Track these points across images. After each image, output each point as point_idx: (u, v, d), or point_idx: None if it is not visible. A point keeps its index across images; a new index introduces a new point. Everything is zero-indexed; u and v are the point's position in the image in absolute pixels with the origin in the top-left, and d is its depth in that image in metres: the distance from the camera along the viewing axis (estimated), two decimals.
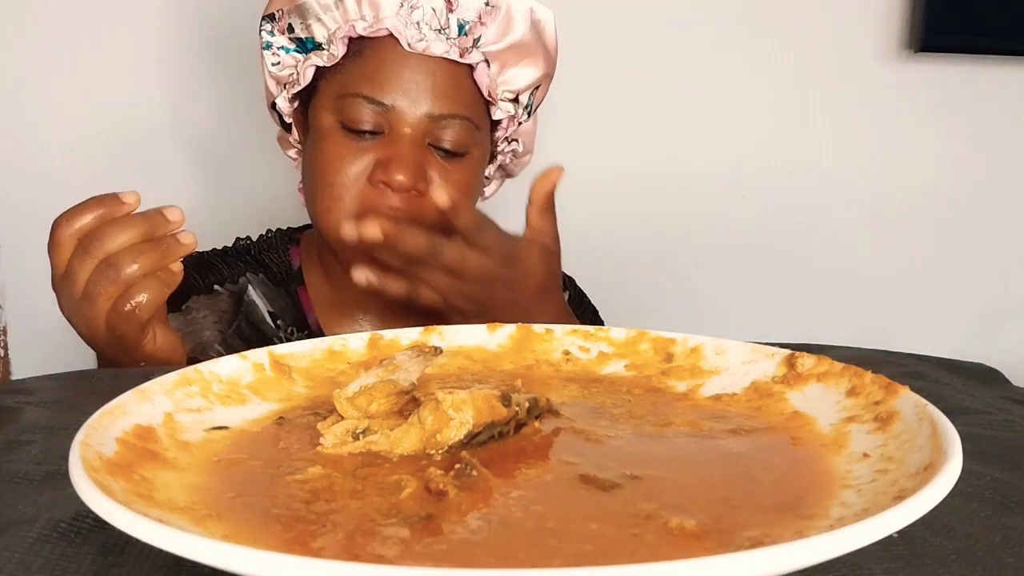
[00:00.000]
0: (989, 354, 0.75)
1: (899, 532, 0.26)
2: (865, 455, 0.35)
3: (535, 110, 0.88)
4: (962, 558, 0.33)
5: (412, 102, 0.79)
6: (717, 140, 1.25)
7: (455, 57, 0.80)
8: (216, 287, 0.89)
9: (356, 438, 0.38)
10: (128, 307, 0.62)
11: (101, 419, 0.34)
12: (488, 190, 0.94)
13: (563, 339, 0.52)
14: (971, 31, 1.21)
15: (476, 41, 0.80)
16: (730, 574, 0.23)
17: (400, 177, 0.77)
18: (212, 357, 0.46)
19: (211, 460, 0.36)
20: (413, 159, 0.78)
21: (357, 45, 0.80)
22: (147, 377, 0.40)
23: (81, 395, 0.52)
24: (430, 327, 0.52)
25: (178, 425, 0.38)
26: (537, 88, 0.86)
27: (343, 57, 0.80)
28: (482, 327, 0.52)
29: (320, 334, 0.87)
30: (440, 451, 0.36)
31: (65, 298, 0.64)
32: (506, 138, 0.88)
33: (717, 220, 1.27)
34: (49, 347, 1.01)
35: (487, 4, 0.81)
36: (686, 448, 0.38)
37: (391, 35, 0.78)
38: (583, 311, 0.99)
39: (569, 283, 1.00)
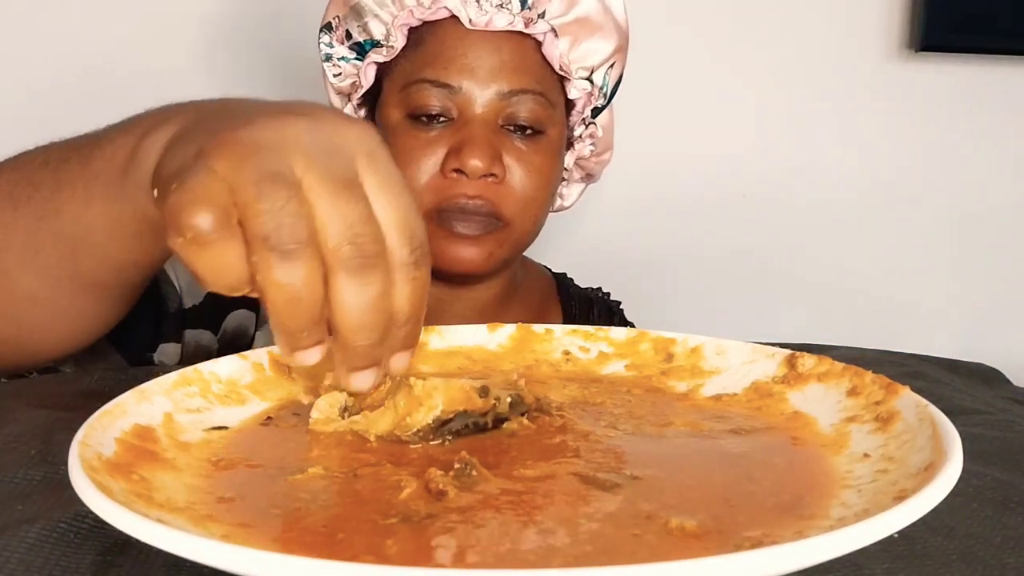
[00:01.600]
0: (990, 354, 0.75)
1: (900, 532, 0.26)
2: (866, 455, 0.35)
3: (612, 93, 0.84)
4: (963, 558, 0.33)
5: (480, 81, 0.74)
6: (717, 140, 1.25)
7: (520, 28, 0.75)
8: None
9: (343, 416, 0.38)
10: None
11: (100, 419, 0.34)
12: (569, 196, 0.90)
13: (563, 339, 0.52)
14: (972, 30, 1.21)
15: (541, 15, 0.76)
16: (730, 574, 0.23)
17: (475, 162, 0.71)
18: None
19: (210, 460, 0.36)
20: (487, 142, 0.73)
21: (417, 33, 0.76)
22: (147, 377, 0.40)
23: (80, 395, 0.52)
24: (429, 327, 0.52)
25: (177, 425, 0.38)
26: (612, 66, 0.81)
27: (404, 48, 0.76)
28: (482, 327, 0.52)
29: None
30: (409, 433, 0.37)
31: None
32: (583, 121, 0.83)
33: (717, 220, 1.27)
34: None
35: None
36: (686, 448, 0.38)
37: (451, 16, 0.74)
38: None
39: (617, 311, 0.97)
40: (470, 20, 0.74)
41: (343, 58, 0.79)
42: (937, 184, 1.28)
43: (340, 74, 0.80)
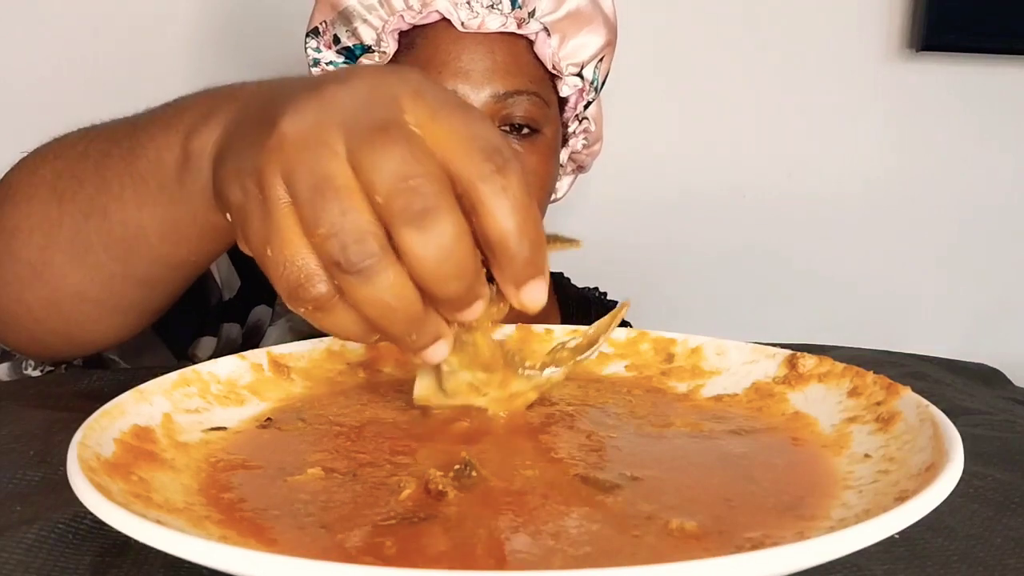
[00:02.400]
0: (991, 354, 0.75)
1: (900, 533, 0.26)
2: (866, 456, 0.35)
3: (602, 86, 0.84)
4: (963, 559, 0.33)
5: (475, 84, 0.74)
6: (717, 140, 1.25)
7: (513, 29, 0.75)
8: None
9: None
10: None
11: (99, 420, 0.34)
12: (561, 188, 0.90)
13: (563, 339, 0.52)
14: (973, 30, 1.21)
15: (531, 13, 0.76)
16: (731, 575, 0.23)
17: None
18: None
19: (209, 461, 0.36)
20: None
21: (408, 37, 0.76)
22: (146, 377, 0.40)
23: (79, 395, 0.52)
24: None
25: (176, 426, 0.38)
26: (601, 60, 0.81)
27: (396, 53, 0.76)
28: None
29: None
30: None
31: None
32: (576, 117, 0.84)
33: (717, 219, 1.27)
34: None
35: None
36: (687, 449, 0.38)
37: (443, 19, 0.74)
38: None
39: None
40: (462, 23, 0.74)
41: (331, 63, 0.79)
42: (937, 184, 1.27)
43: None
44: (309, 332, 0.68)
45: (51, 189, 0.50)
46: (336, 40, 0.78)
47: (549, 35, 0.77)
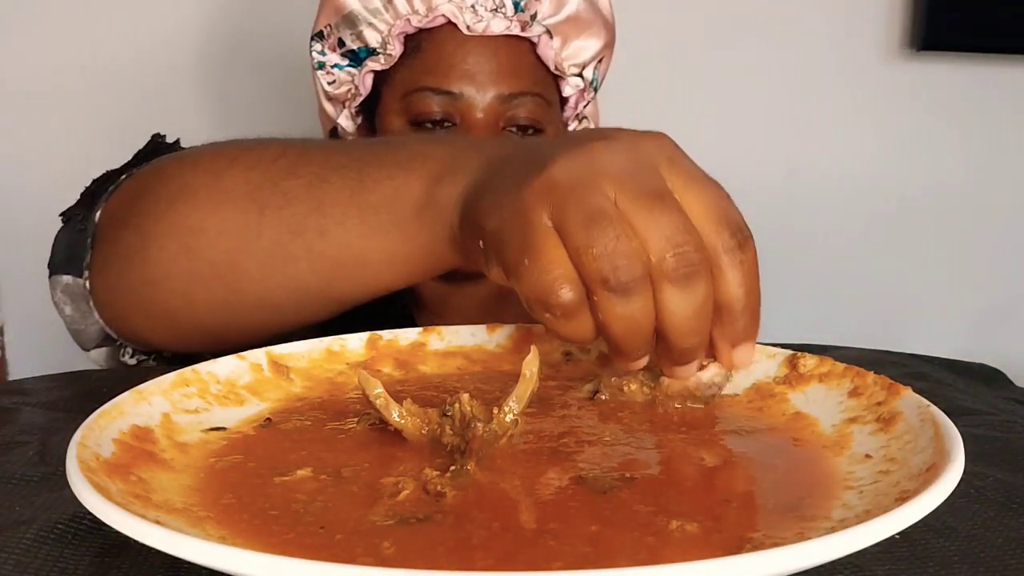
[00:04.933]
0: (992, 354, 0.75)
1: (901, 534, 0.26)
2: (867, 456, 0.35)
3: (600, 85, 0.85)
4: (965, 559, 0.33)
5: (480, 86, 0.75)
6: (717, 139, 1.25)
7: (516, 32, 0.76)
8: None
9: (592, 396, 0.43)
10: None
11: (98, 420, 0.34)
12: None
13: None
14: (973, 29, 1.21)
15: (533, 17, 0.78)
16: (731, 575, 0.23)
17: None
18: None
19: (208, 461, 0.36)
20: None
21: (414, 41, 0.77)
22: (145, 378, 0.40)
23: (78, 396, 0.52)
24: (429, 327, 0.52)
25: (175, 426, 0.38)
26: (601, 61, 0.83)
27: (401, 56, 0.77)
28: (481, 327, 0.52)
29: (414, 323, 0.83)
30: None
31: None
32: (576, 116, 0.85)
33: None
34: (46, 348, 1.01)
35: None
36: (686, 449, 0.38)
37: (448, 22, 0.76)
38: None
39: None
40: (468, 27, 0.75)
41: (336, 65, 0.79)
42: (938, 183, 1.27)
43: (334, 82, 0.80)
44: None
45: (249, 199, 0.51)
46: (340, 43, 0.79)
47: (551, 37, 0.78)
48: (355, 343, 0.49)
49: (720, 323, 0.38)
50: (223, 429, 0.39)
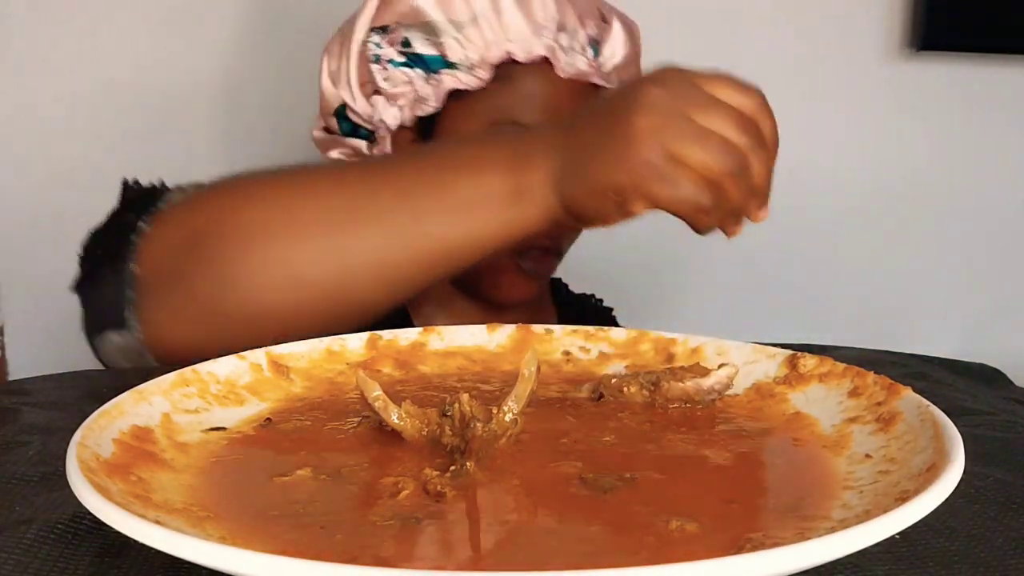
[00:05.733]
0: (992, 354, 0.75)
1: (901, 534, 0.26)
2: (867, 456, 0.35)
3: None
4: (965, 560, 0.33)
5: None
6: None
7: (599, 81, 0.79)
8: None
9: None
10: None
11: (98, 420, 0.34)
12: None
13: (563, 339, 0.52)
14: (973, 30, 1.21)
15: (604, 62, 0.80)
16: (731, 575, 0.23)
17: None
18: None
19: (208, 461, 0.36)
20: None
21: (503, 68, 0.77)
22: (145, 378, 0.40)
23: (78, 396, 0.52)
24: (429, 328, 0.52)
25: (175, 426, 0.38)
26: None
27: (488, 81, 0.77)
28: (482, 327, 0.52)
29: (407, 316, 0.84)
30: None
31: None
32: None
33: None
34: (46, 347, 1.01)
35: (603, 20, 0.80)
36: (686, 449, 0.38)
37: (543, 59, 0.76)
38: None
39: (609, 318, 0.98)
40: (563, 69, 0.77)
41: (391, 61, 0.78)
42: (938, 184, 1.27)
43: (388, 79, 0.79)
44: None
45: (336, 224, 0.57)
46: (406, 43, 0.78)
47: (611, 83, 0.81)
48: (355, 343, 0.49)
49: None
50: (223, 429, 0.39)
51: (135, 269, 0.58)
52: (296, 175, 0.61)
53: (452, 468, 0.33)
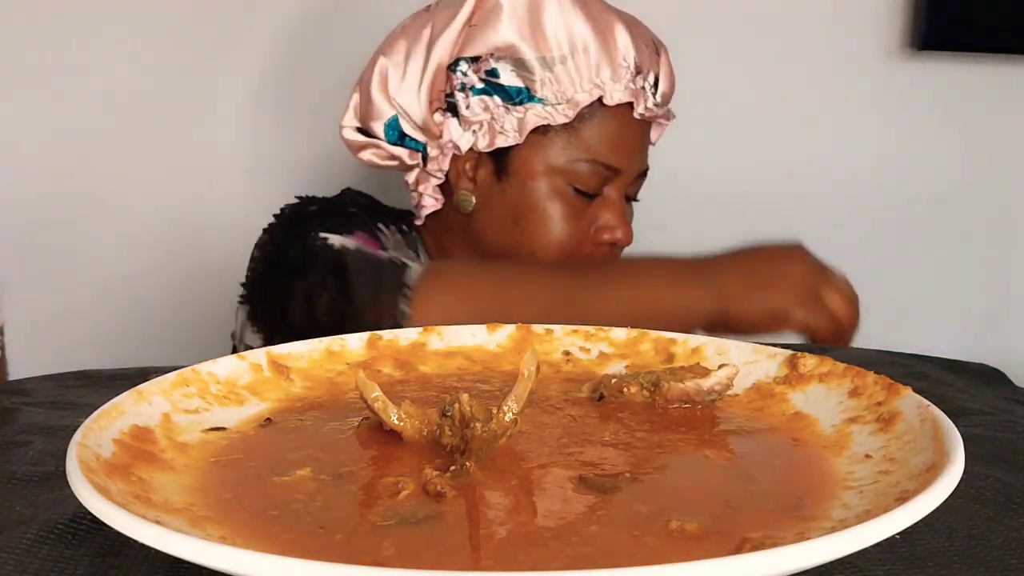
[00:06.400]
0: (991, 354, 0.75)
1: (901, 534, 0.26)
2: (867, 456, 0.35)
3: None
4: (964, 560, 0.33)
5: (631, 161, 0.85)
6: (717, 139, 1.25)
7: (663, 121, 0.88)
8: (381, 227, 0.89)
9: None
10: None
11: (98, 420, 0.34)
12: None
13: (563, 339, 0.52)
14: (973, 29, 1.20)
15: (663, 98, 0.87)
16: (731, 575, 0.23)
17: (624, 236, 0.86)
18: None
19: (208, 461, 0.36)
20: (629, 217, 0.88)
21: (589, 108, 0.82)
22: (145, 378, 0.40)
23: (78, 396, 0.52)
24: (429, 328, 0.52)
25: (175, 426, 0.38)
26: None
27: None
28: (482, 327, 0.52)
29: None
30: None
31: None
32: None
33: (716, 219, 1.26)
34: (46, 348, 1.01)
35: (656, 53, 0.86)
36: (686, 449, 0.38)
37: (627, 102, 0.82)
38: None
39: None
40: (640, 112, 0.83)
41: (472, 88, 0.82)
42: (937, 183, 1.27)
43: (469, 107, 0.82)
44: None
45: (543, 308, 0.67)
46: (492, 73, 0.81)
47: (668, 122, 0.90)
48: (355, 343, 0.49)
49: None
50: (223, 429, 0.39)
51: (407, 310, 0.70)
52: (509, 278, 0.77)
53: (452, 468, 0.33)
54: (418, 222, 0.91)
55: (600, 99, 0.81)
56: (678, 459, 0.36)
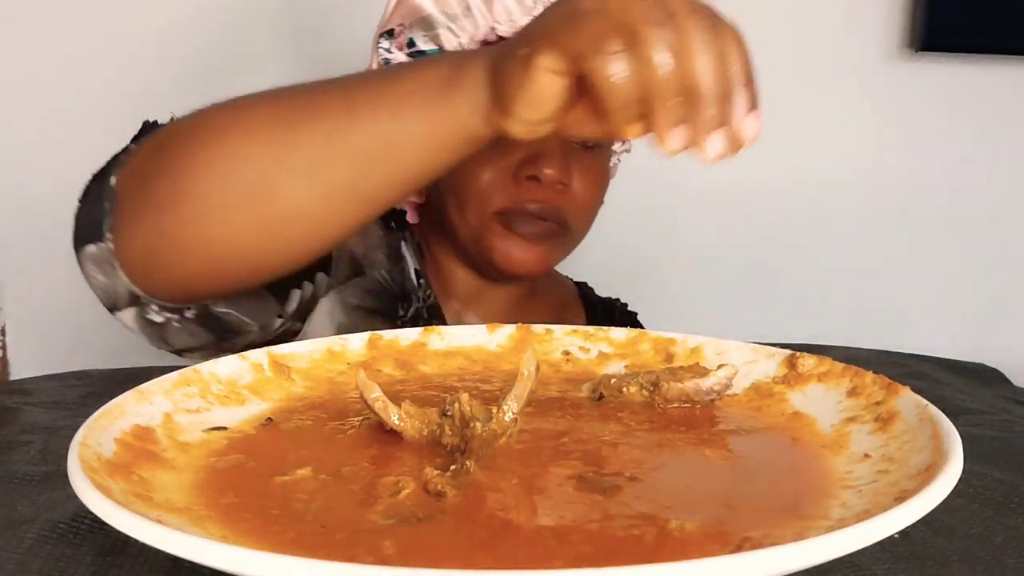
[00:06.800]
0: (990, 354, 0.75)
1: (900, 533, 0.26)
2: (866, 456, 0.35)
3: None
4: (963, 558, 0.33)
5: None
6: None
7: None
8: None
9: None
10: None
11: (100, 420, 0.34)
12: None
13: (563, 339, 0.52)
14: (973, 30, 1.21)
15: None
16: (730, 575, 0.23)
17: (549, 171, 0.75)
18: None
19: (209, 461, 0.36)
20: (562, 152, 0.76)
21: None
22: (146, 377, 0.40)
23: (80, 395, 0.52)
24: (429, 327, 0.52)
25: (177, 426, 0.38)
26: None
27: None
28: (482, 327, 0.52)
29: (439, 310, 0.82)
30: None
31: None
32: None
33: (716, 219, 1.27)
34: (47, 348, 1.01)
35: None
36: (686, 449, 0.38)
37: None
38: None
39: (636, 323, 0.98)
40: None
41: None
42: (937, 184, 1.27)
43: None
44: (357, 304, 0.73)
45: (282, 119, 0.55)
46: (410, 43, 0.79)
47: None
48: (356, 343, 0.49)
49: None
50: (224, 429, 0.39)
51: (114, 182, 0.59)
52: (262, 92, 0.58)
53: (452, 468, 0.33)
54: (409, 219, 0.89)
55: (502, 37, 0.74)
56: (677, 459, 0.37)
